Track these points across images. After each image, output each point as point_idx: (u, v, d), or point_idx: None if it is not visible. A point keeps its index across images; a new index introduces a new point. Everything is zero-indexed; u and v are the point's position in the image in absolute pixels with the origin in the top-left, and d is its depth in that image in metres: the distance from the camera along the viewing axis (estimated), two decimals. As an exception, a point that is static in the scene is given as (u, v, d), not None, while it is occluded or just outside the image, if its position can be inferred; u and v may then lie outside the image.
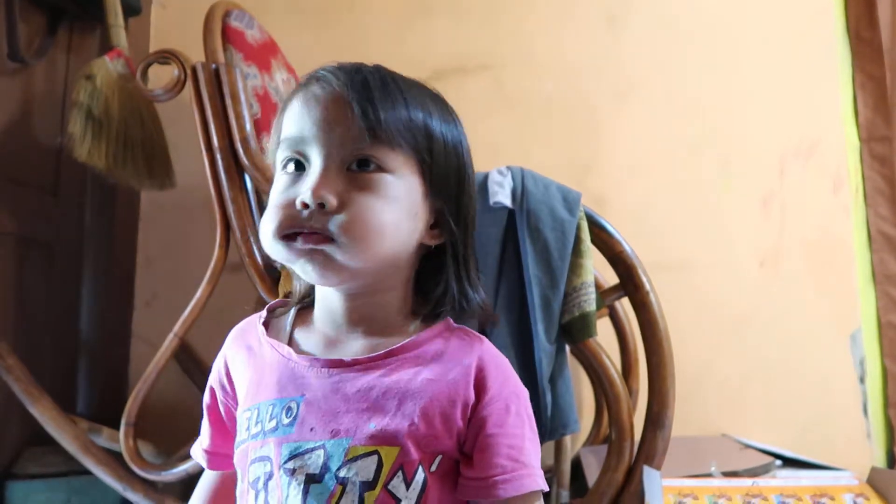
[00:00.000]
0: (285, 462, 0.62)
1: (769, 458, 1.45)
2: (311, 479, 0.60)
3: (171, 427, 1.40)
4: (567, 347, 1.18)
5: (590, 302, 1.12)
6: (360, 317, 0.67)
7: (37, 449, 1.45)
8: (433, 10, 1.87)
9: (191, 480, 1.22)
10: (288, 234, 0.62)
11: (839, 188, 1.89)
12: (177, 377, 1.57)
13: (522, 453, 0.64)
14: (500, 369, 0.66)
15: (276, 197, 0.64)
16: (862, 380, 1.84)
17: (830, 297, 1.87)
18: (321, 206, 0.60)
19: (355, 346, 0.66)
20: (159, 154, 1.54)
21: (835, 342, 1.86)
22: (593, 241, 1.17)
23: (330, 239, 0.61)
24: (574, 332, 1.12)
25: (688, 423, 1.60)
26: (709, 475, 1.29)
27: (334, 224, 0.60)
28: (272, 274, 1.24)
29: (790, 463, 1.49)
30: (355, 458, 0.62)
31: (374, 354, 0.65)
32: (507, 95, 1.83)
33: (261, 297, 1.25)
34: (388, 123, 0.63)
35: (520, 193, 1.13)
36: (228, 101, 1.26)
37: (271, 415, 0.64)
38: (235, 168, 1.26)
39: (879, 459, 1.80)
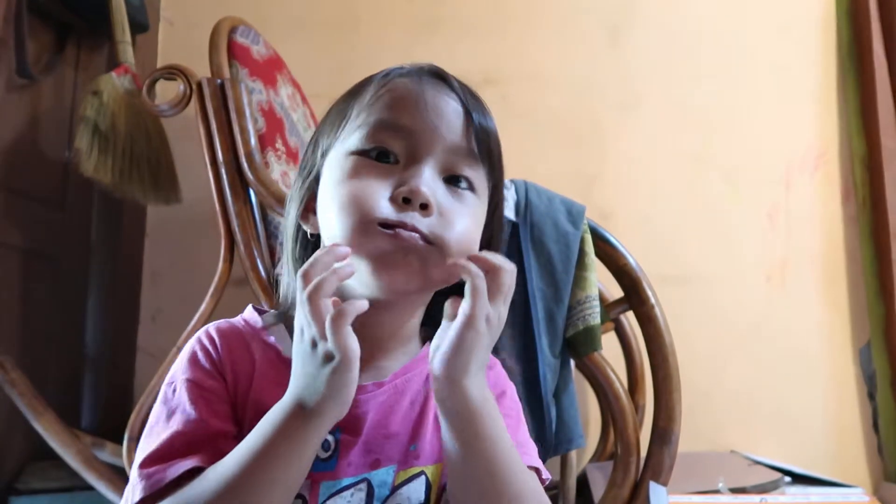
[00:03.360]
0: (324, 502, 0.59)
1: (778, 475, 1.43)
2: None
3: (174, 442, 1.40)
4: (572, 362, 1.17)
5: (594, 315, 1.11)
6: (386, 332, 0.63)
7: (40, 464, 1.45)
8: (439, 25, 1.88)
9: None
10: (385, 224, 0.57)
11: (846, 200, 1.89)
12: (181, 392, 1.56)
13: (518, 432, 0.66)
14: (493, 362, 0.70)
15: (363, 181, 0.59)
16: (872, 395, 1.82)
17: (839, 311, 1.86)
18: (423, 207, 0.58)
19: (378, 365, 0.63)
20: (165, 169, 1.54)
21: (844, 356, 1.84)
22: (598, 254, 1.16)
23: (428, 242, 0.57)
24: (579, 345, 1.11)
25: (696, 439, 1.58)
26: (716, 492, 1.27)
27: (434, 229, 0.58)
28: (276, 287, 1.24)
29: (800, 479, 1.47)
30: (402, 484, 0.61)
31: (402, 370, 0.63)
32: (512, 110, 1.83)
33: (265, 311, 1.25)
34: (490, 146, 0.63)
35: (523, 206, 1.13)
36: (233, 116, 1.27)
37: None
38: (240, 182, 1.27)
39: (891, 475, 1.77)
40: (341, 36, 1.87)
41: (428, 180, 0.58)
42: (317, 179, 0.64)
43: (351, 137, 0.61)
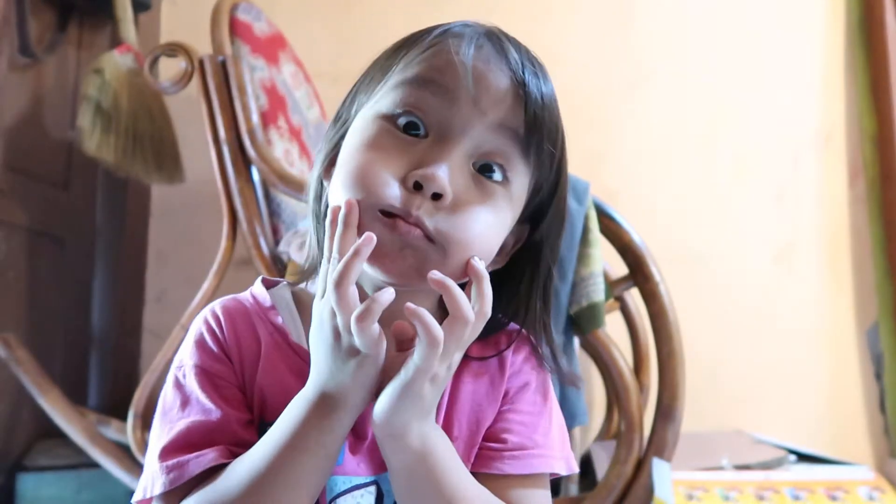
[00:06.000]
0: (332, 501, 0.56)
1: (782, 452, 1.42)
2: None
3: (179, 420, 1.40)
4: (576, 339, 1.16)
5: (598, 292, 1.10)
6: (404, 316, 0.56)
7: (48, 441, 1.46)
8: (444, 2, 1.86)
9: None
10: (386, 213, 0.52)
11: (853, 180, 1.87)
12: (186, 370, 1.57)
13: (536, 431, 0.61)
14: (523, 344, 0.64)
15: (379, 155, 0.53)
16: (879, 375, 1.81)
17: (846, 291, 1.84)
18: (436, 196, 0.51)
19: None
20: (168, 148, 1.54)
21: (849, 337, 1.83)
22: (602, 231, 1.15)
23: (430, 239, 0.52)
24: (582, 322, 1.11)
25: (702, 419, 1.58)
26: (720, 468, 1.27)
27: (440, 224, 0.51)
28: (279, 265, 1.24)
29: (806, 459, 1.47)
30: None
31: None
32: (516, 88, 1.81)
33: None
34: (542, 134, 0.54)
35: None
36: (235, 93, 1.26)
37: None
38: (242, 160, 1.26)
39: (896, 455, 1.77)
40: (344, 13, 1.85)
41: (450, 165, 0.52)
42: (343, 135, 0.59)
43: (385, 98, 0.55)
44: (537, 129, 0.54)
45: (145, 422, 1.27)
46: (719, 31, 1.89)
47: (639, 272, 1.15)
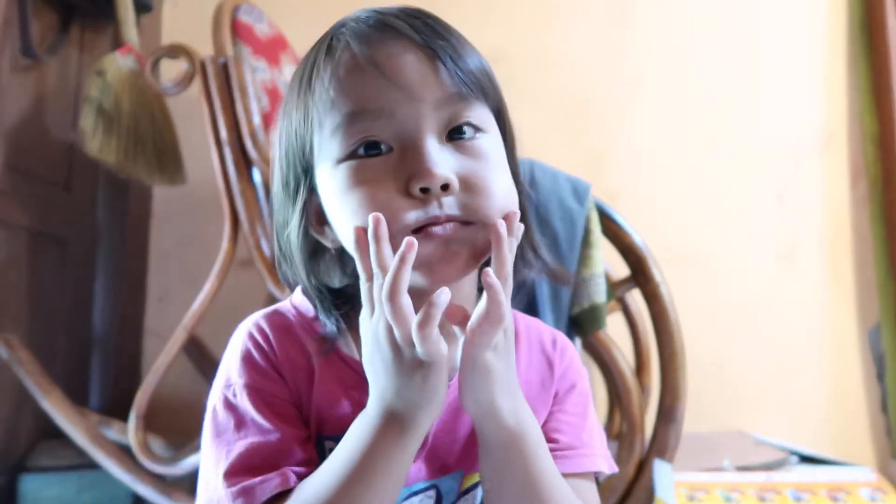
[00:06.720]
0: None
1: (784, 454, 1.42)
2: None
3: (181, 421, 1.41)
4: (577, 340, 1.16)
5: (599, 293, 1.10)
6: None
7: (50, 442, 1.46)
8: (446, 4, 1.86)
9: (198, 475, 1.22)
10: (414, 230, 0.52)
11: (855, 180, 1.87)
12: (187, 371, 1.57)
13: (583, 430, 0.63)
14: (567, 345, 0.66)
15: (371, 187, 0.52)
16: (881, 377, 1.81)
17: (848, 292, 1.84)
18: (444, 187, 0.52)
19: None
20: (170, 149, 1.54)
21: (853, 338, 1.83)
22: (604, 233, 1.15)
23: (467, 222, 0.53)
24: (584, 323, 1.11)
25: (703, 420, 1.58)
26: (722, 469, 1.27)
27: (467, 203, 0.52)
28: (280, 267, 1.24)
29: (808, 460, 1.47)
30: (469, 490, 0.59)
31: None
32: (519, 88, 1.79)
33: (270, 292, 1.25)
34: (476, 75, 0.56)
35: (528, 184, 1.12)
36: (237, 95, 1.26)
37: None
38: (244, 161, 1.26)
39: (898, 456, 1.77)
40: (345, 14, 1.85)
41: (434, 156, 0.52)
42: (311, 191, 0.58)
43: (331, 147, 0.55)
44: (469, 78, 0.55)
45: (147, 423, 1.27)
46: (720, 31, 1.88)
47: (640, 273, 1.15)
